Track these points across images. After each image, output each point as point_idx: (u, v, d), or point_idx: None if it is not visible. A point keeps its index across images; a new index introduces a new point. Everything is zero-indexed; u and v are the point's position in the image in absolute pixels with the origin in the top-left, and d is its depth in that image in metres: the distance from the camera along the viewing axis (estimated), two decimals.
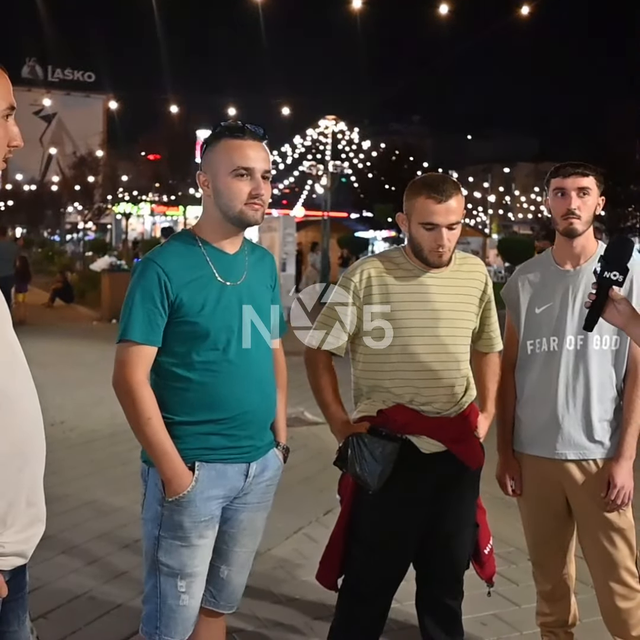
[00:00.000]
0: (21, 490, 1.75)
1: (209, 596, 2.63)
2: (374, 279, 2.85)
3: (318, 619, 3.72)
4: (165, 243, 2.57)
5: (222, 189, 2.47)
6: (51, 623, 3.64)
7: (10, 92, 1.74)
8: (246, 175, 2.45)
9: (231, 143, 2.47)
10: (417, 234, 2.82)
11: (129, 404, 2.40)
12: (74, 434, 7.23)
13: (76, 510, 5.15)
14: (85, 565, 4.31)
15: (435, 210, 2.75)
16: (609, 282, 2.39)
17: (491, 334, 3.09)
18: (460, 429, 2.90)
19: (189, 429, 2.44)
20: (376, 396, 2.88)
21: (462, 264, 2.97)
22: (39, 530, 1.81)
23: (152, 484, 2.48)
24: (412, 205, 2.82)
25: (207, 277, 2.47)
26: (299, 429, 7.17)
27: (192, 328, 2.43)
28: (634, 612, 3.05)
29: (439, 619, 3.07)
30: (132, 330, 2.40)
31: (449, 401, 2.87)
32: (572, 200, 2.99)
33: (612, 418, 3.01)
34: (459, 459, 2.86)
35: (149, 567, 2.51)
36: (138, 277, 2.45)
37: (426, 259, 2.83)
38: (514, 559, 4.44)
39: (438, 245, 2.78)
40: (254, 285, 2.58)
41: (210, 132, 2.55)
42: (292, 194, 55.52)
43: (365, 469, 2.73)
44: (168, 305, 2.42)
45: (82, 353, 11.61)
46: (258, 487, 2.58)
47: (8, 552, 1.73)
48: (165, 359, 2.46)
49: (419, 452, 2.81)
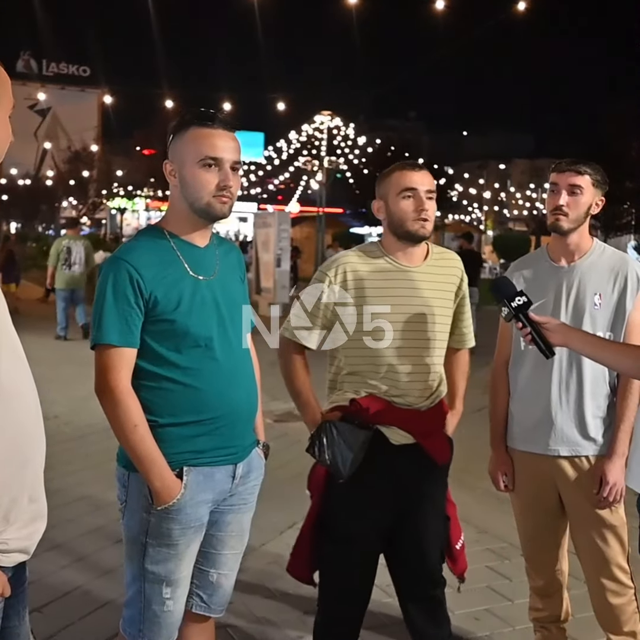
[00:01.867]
0: (24, 486, 1.76)
1: (199, 601, 2.57)
2: (349, 273, 2.85)
3: (311, 614, 3.71)
4: (133, 239, 2.46)
5: (189, 180, 2.36)
6: (45, 617, 3.64)
7: (10, 90, 1.78)
8: (214, 166, 2.34)
9: (199, 132, 2.35)
10: (397, 207, 2.83)
11: (114, 412, 2.30)
12: (68, 428, 7.23)
13: (70, 504, 5.15)
14: (78, 560, 4.31)
15: (413, 176, 2.82)
16: (522, 309, 2.52)
17: (464, 330, 3.09)
18: (430, 423, 2.90)
19: (174, 432, 2.36)
20: (348, 386, 2.88)
21: (439, 259, 2.96)
22: (40, 526, 1.82)
23: (135, 490, 2.38)
24: (387, 183, 2.86)
25: (179, 272, 2.37)
26: (292, 425, 7.19)
27: (170, 326, 2.33)
28: (625, 608, 3.07)
29: (424, 610, 3.01)
30: (108, 333, 2.29)
31: (422, 395, 2.87)
32: (560, 197, 2.99)
33: (605, 415, 3.02)
34: (427, 453, 2.85)
35: (134, 572, 2.43)
36: (107, 277, 2.32)
37: (409, 232, 2.82)
38: (507, 554, 4.45)
39: (420, 210, 2.80)
40: (227, 279, 2.49)
41: (177, 120, 2.42)
42: (287, 190, 55.48)
43: (338, 455, 2.74)
44: (143, 304, 2.30)
45: (76, 347, 11.60)
46: (244, 488, 2.53)
47: (11, 549, 1.74)
48: (145, 360, 2.35)
49: (388, 443, 2.82)
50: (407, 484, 2.87)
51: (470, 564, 3.57)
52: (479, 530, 4.70)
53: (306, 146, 40.58)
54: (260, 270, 18.98)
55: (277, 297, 17.43)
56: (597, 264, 3.04)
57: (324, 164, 31.05)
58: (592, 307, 2.99)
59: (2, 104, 1.76)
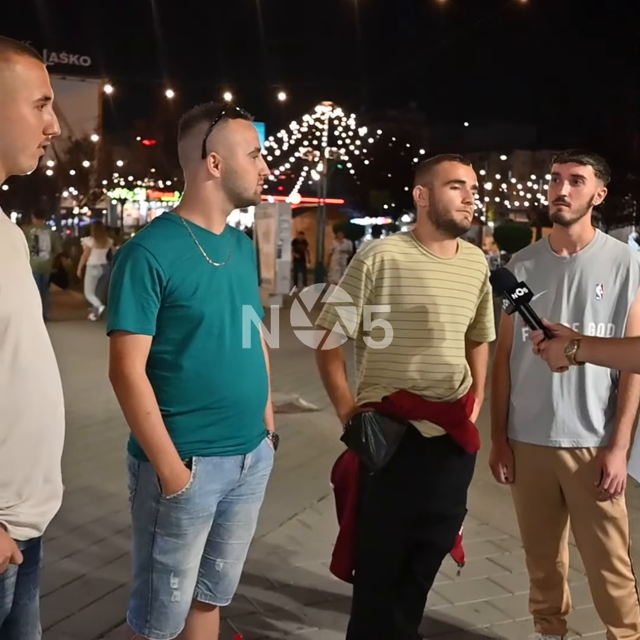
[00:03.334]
0: (37, 466, 1.83)
1: (204, 589, 2.58)
2: (386, 262, 2.88)
3: (311, 605, 3.74)
4: (149, 226, 2.47)
5: (240, 171, 2.40)
6: (46, 607, 3.57)
7: (45, 83, 1.82)
8: (257, 156, 2.43)
9: (242, 122, 2.41)
10: (443, 196, 2.87)
11: (128, 399, 2.31)
12: (68, 419, 7.19)
13: (70, 495, 5.09)
14: (79, 550, 4.31)
15: (462, 169, 2.88)
16: (523, 300, 2.45)
17: (486, 324, 3.14)
18: (459, 414, 2.94)
19: (185, 421, 2.36)
20: (379, 381, 2.91)
21: (468, 254, 3.01)
22: (55, 505, 1.91)
23: (145, 479, 2.38)
24: (434, 172, 2.90)
25: (196, 258, 2.37)
26: (293, 416, 7.17)
27: (185, 312, 2.33)
28: (626, 600, 3.07)
29: (407, 599, 3.05)
30: (125, 319, 2.29)
31: (451, 387, 2.92)
32: (563, 187, 2.98)
33: (606, 406, 3.02)
34: (457, 443, 2.90)
35: (142, 562, 2.43)
36: (124, 263, 2.32)
37: (452, 221, 2.87)
38: (508, 546, 4.45)
39: (466, 202, 2.86)
40: (240, 266, 2.51)
41: (213, 110, 2.40)
42: (288, 180, 55.38)
43: (373, 445, 2.77)
44: (160, 290, 2.30)
45: (77, 338, 11.59)
46: (252, 478, 2.53)
47: (22, 522, 1.80)
48: (159, 347, 2.35)
49: (420, 436, 2.86)
50: (437, 475, 2.91)
51: (471, 556, 3.58)
52: (480, 522, 4.70)
53: (307, 137, 40.49)
54: (261, 261, 18.96)
55: (277, 288, 17.42)
56: (599, 255, 3.03)
57: (325, 154, 30.98)
58: (594, 298, 2.98)
59: (17, 97, 1.78)
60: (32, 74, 1.80)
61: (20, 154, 1.83)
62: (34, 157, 1.86)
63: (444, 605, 3.73)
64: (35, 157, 1.87)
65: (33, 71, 1.80)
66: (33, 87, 1.80)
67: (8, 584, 1.83)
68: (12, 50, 1.78)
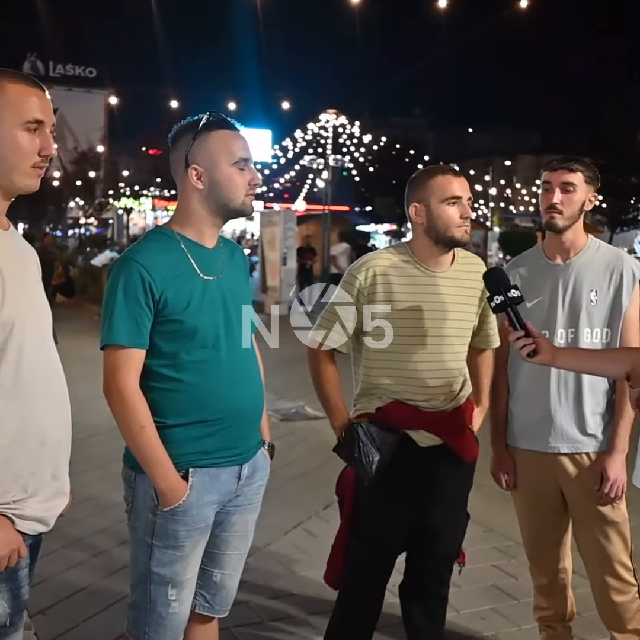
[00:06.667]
0: (43, 462, 1.95)
1: (202, 601, 2.57)
2: (379, 277, 2.86)
3: (316, 614, 3.72)
4: (142, 240, 2.46)
5: (224, 182, 2.38)
6: (50, 619, 3.65)
7: (38, 108, 1.92)
8: (244, 166, 2.40)
9: (226, 134, 2.39)
10: (442, 213, 2.83)
11: (122, 413, 2.31)
12: (73, 429, 7.19)
13: (75, 505, 5.09)
14: (84, 561, 4.32)
15: (457, 183, 2.85)
16: (514, 302, 2.48)
17: (489, 332, 3.11)
18: (456, 423, 2.92)
19: (181, 433, 2.36)
20: (373, 392, 2.90)
21: (465, 264, 2.98)
22: (62, 501, 2.04)
23: (142, 491, 2.38)
24: (429, 188, 2.85)
25: (188, 272, 2.37)
26: (299, 424, 7.19)
27: (179, 326, 2.33)
28: (629, 606, 3.06)
29: (428, 608, 3.08)
30: (118, 333, 2.29)
31: (447, 398, 2.90)
32: (554, 195, 2.98)
33: (604, 411, 3.02)
34: (455, 452, 2.88)
35: (140, 574, 2.43)
36: (117, 277, 2.32)
37: (453, 238, 2.85)
38: (513, 552, 4.43)
39: (465, 217, 2.84)
40: (234, 279, 2.50)
41: (195, 123, 2.40)
42: (293, 188, 55.46)
43: (367, 456, 2.78)
44: (153, 304, 2.31)
45: (83, 348, 11.56)
46: (249, 488, 2.53)
47: (29, 516, 1.91)
48: (153, 361, 2.35)
49: (416, 446, 2.85)
50: (434, 485, 2.90)
51: (476, 563, 3.58)
52: (485, 529, 4.69)
53: (312, 144, 40.53)
54: (266, 269, 18.98)
55: (282, 295, 17.43)
56: (593, 261, 3.03)
57: (329, 162, 30.98)
58: (589, 304, 2.98)
59: (5, 119, 1.89)
60: (23, 99, 1.91)
61: (12, 172, 1.92)
62: (29, 176, 1.94)
63: (449, 613, 3.68)
64: (30, 176, 1.94)
65: (25, 97, 1.91)
66: (23, 110, 1.90)
67: (22, 576, 1.93)
68: (7, 80, 1.91)
